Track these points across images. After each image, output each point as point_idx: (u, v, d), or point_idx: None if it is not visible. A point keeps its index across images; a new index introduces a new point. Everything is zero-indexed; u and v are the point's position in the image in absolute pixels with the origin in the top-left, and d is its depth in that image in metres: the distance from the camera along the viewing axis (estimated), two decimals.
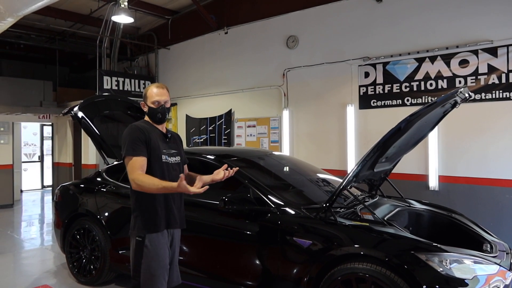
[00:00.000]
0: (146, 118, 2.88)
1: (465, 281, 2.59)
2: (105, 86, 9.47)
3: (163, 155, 2.76)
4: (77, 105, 4.80)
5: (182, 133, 9.75)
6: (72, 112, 4.78)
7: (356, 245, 2.85)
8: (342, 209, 3.37)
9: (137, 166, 2.60)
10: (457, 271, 2.63)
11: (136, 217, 2.73)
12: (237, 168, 2.89)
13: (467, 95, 3.33)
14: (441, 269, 2.61)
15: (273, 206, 3.27)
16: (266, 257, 3.22)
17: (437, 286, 2.57)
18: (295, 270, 3.05)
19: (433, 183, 5.99)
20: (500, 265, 2.79)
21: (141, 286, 2.67)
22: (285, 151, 7.60)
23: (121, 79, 9.84)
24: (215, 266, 3.51)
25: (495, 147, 5.49)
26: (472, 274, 2.64)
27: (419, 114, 3.01)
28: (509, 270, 2.83)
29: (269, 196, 3.34)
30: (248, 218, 3.33)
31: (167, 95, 2.83)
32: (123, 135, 2.75)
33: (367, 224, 3.06)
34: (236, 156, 4.17)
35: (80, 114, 4.75)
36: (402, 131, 3.07)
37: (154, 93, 2.79)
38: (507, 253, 3.13)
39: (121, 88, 9.79)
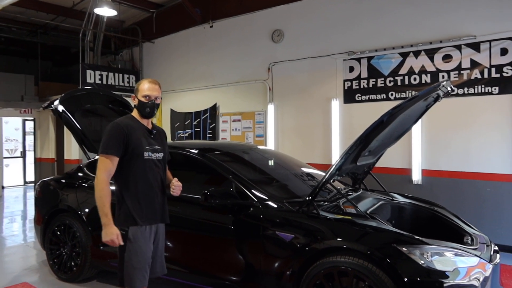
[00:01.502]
0: (134, 112, 2.84)
1: (446, 273, 2.60)
2: (88, 80, 9.31)
3: (145, 152, 2.73)
4: (57, 99, 4.69)
5: (166, 128, 9.66)
6: (52, 106, 4.66)
7: (338, 239, 2.84)
8: (325, 203, 3.36)
9: (105, 168, 2.63)
10: (438, 264, 2.64)
11: (119, 210, 2.70)
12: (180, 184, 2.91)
13: (449, 88, 3.34)
14: (422, 261, 2.61)
15: (256, 200, 3.25)
16: (248, 251, 3.20)
17: (418, 279, 2.58)
18: (277, 264, 3.03)
19: (417, 177, 6.04)
20: (480, 257, 2.82)
21: (123, 278, 2.66)
22: (270, 145, 7.58)
23: (104, 73, 9.68)
24: (197, 260, 3.48)
25: (477, 141, 5.56)
26: (453, 267, 2.66)
27: (402, 108, 3.01)
28: (489, 262, 2.85)
29: (251, 190, 3.31)
30: (230, 213, 3.30)
31: (158, 92, 2.85)
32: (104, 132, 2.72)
33: (350, 217, 3.05)
34: (219, 150, 4.13)
35: (61, 108, 4.64)
36: (384, 124, 3.06)
37: (146, 87, 2.79)
38: (487, 245, 3.16)
39: (104, 82, 9.64)
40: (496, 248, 3.25)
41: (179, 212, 3.55)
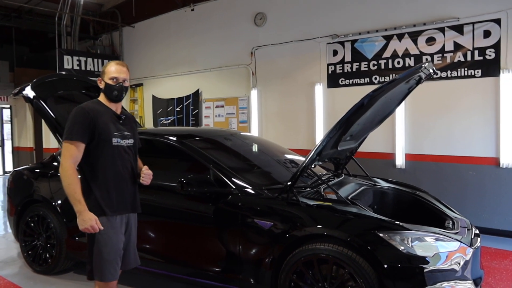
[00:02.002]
0: (101, 97, 2.68)
1: (426, 258, 2.55)
2: (66, 66, 9.02)
3: (114, 138, 2.59)
4: (28, 85, 4.47)
5: (149, 115, 9.47)
6: (22, 92, 4.45)
7: (318, 226, 2.77)
8: (306, 189, 3.28)
9: (70, 154, 2.48)
10: (419, 249, 2.59)
11: (86, 200, 2.55)
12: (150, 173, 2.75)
13: (431, 70, 3.26)
14: (402, 247, 2.56)
15: (234, 187, 3.14)
16: (227, 240, 3.10)
17: (398, 265, 2.53)
18: (256, 253, 2.95)
19: (400, 161, 6.02)
20: (461, 242, 2.78)
21: (93, 271, 2.54)
22: (254, 131, 7.47)
23: (83, 59, 9.39)
24: (175, 250, 3.38)
25: (460, 125, 5.53)
26: (433, 252, 2.61)
27: (383, 90, 2.92)
28: (469, 246, 2.81)
29: (230, 177, 3.21)
30: (208, 201, 3.20)
31: (126, 74, 2.67)
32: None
33: (330, 203, 2.98)
34: (199, 136, 4.01)
35: (32, 94, 4.43)
36: (365, 108, 2.97)
37: (113, 69, 2.63)
38: (468, 229, 3.12)
39: (83, 68, 9.35)
40: (477, 231, 3.22)
41: (156, 201, 3.44)
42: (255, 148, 4.34)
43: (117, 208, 2.58)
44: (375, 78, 6.13)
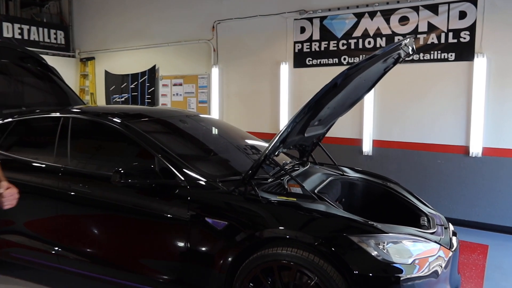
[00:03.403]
0: None
1: (404, 265, 2.20)
2: (6, 34, 8.05)
3: None
4: None
5: (101, 92, 8.71)
6: None
7: (280, 227, 2.35)
8: (268, 180, 2.85)
9: None
10: (395, 255, 2.23)
11: None
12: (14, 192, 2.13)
13: (410, 49, 2.89)
14: (376, 253, 2.19)
15: (183, 179, 2.66)
16: (172, 241, 2.63)
17: (371, 274, 2.16)
18: (207, 257, 2.51)
19: (367, 148, 5.72)
20: (440, 244, 2.45)
21: None
22: (214, 113, 6.95)
23: (26, 27, 8.42)
24: (111, 252, 2.87)
25: (430, 111, 5.27)
26: (411, 257, 2.26)
27: (359, 68, 2.51)
28: (449, 249, 2.49)
29: (178, 167, 2.71)
30: (152, 194, 2.70)
31: None
32: None
33: (295, 199, 2.56)
34: (149, 116, 3.47)
35: None
36: (338, 88, 2.55)
37: None
38: (445, 228, 2.81)
39: (26, 37, 8.41)
40: (453, 229, 2.92)
41: (91, 193, 2.90)
42: (213, 132, 3.85)
43: None
44: (344, 59, 5.75)
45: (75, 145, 3.19)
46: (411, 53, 2.96)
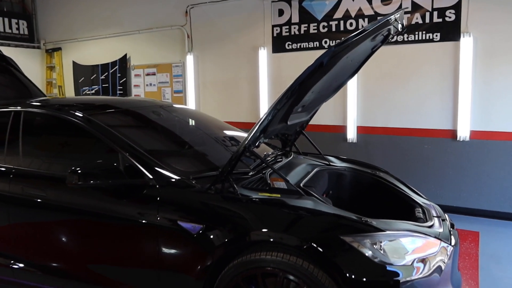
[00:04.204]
0: None
1: (403, 267, 1.95)
2: None
3: None
4: None
5: (69, 84, 8.21)
6: None
7: (263, 229, 2.06)
8: (250, 174, 2.56)
9: None
10: (394, 256, 1.98)
11: None
12: None
13: (400, 24, 2.63)
14: (373, 254, 1.93)
15: (151, 177, 2.34)
16: (140, 248, 2.32)
17: (367, 279, 1.90)
18: (181, 266, 2.21)
19: (351, 134, 5.49)
20: (441, 240, 2.21)
21: None
22: (191, 103, 6.59)
23: None
24: (73, 263, 2.54)
25: (416, 94, 5.06)
26: (411, 257, 2.01)
27: (347, 46, 2.22)
28: (450, 244, 2.26)
29: (146, 164, 2.39)
30: (116, 196, 2.37)
31: None
32: None
33: (279, 195, 2.28)
34: (115, 107, 3.12)
35: None
36: (324, 69, 2.26)
37: None
38: (442, 220, 2.58)
39: None
40: (451, 220, 2.69)
41: (46, 198, 2.56)
42: (187, 124, 3.52)
43: None
44: (325, 42, 5.47)
45: (28, 143, 2.82)
46: (400, 29, 2.71)
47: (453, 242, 2.31)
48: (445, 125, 4.94)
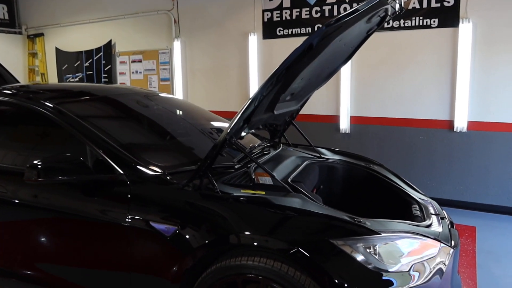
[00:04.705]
0: None
1: (400, 274, 1.75)
2: None
3: None
4: None
5: (52, 71, 7.89)
6: None
7: (246, 232, 1.84)
8: (231, 169, 2.33)
9: None
10: (389, 261, 1.77)
11: None
12: None
13: (398, 5, 2.40)
14: (367, 260, 1.73)
15: (122, 172, 2.10)
16: (108, 253, 2.09)
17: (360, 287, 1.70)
18: (155, 268, 1.99)
19: (344, 125, 5.27)
20: (442, 242, 2.01)
21: None
22: (178, 91, 6.33)
23: None
24: (31, 265, 2.31)
25: (412, 83, 4.84)
26: (409, 262, 1.81)
27: (339, 26, 2.00)
28: (450, 246, 2.06)
29: (116, 158, 2.15)
30: (84, 193, 2.14)
31: None
32: None
33: (263, 193, 2.06)
34: (92, 94, 2.87)
35: None
36: (314, 52, 2.03)
37: None
38: (441, 218, 2.38)
39: None
40: (450, 218, 2.49)
41: (5, 195, 2.32)
42: (170, 113, 3.27)
43: None
44: (318, 28, 5.21)
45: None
46: (398, 10, 2.47)
47: (453, 244, 2.12)
48: (442, 115, 4.74)
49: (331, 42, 2.07)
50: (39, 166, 1.96)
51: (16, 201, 2.30)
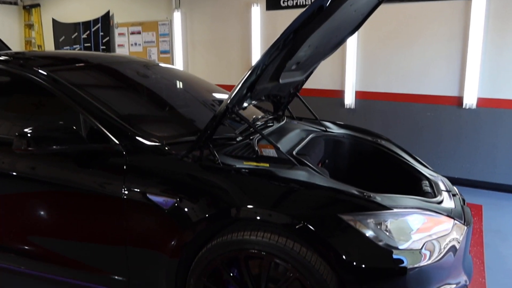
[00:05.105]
0: None
1: (411, 252, 1.66)
2: None
3: None
4: None
5: (49, 43, 7.69)
6: None
7: (248, 205, 1.73)
8: (233, 141, 2.21)
9: None
10: (400, 238, 1.67)
11: None
12: None
13: None
14: (378, 237, 1.63)
15: (117, 142, 1.98)
16: (105, 223, 1.99)
17: (371, 266, 1.61)
18: (152, 242, 1.89)
19: (349, 100, 5.13)
20: (455, 219, 1.91)
21: None
22: (178, 64, 6.16)
23: None
24: (25, 239, 2.22)
25: (421, 58, 4.67)
26: (421, 240, 1.71)
27: None
28: (463, 224, 1.96)
29: (111, 126, 2.03)
30: (78, 164, 2.03)
31: None
32: None
33: (267, 165, 1.94)
34: (86, 61, 2.73)
35: None
36: (324, 15, 1.88)
37: None
38: (453, 194, 2.28)
39: None
40: (462, 196, 2.39)
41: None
42: (169, 83, 3.13)
43: None
44: None
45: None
46: None
47: (466, 221, 2.01)
48: (451, 91, 4.58)
49: (341, 5, 1.91)
50: (29, 135, 1.84)
51: (6, 172, 2.19)
